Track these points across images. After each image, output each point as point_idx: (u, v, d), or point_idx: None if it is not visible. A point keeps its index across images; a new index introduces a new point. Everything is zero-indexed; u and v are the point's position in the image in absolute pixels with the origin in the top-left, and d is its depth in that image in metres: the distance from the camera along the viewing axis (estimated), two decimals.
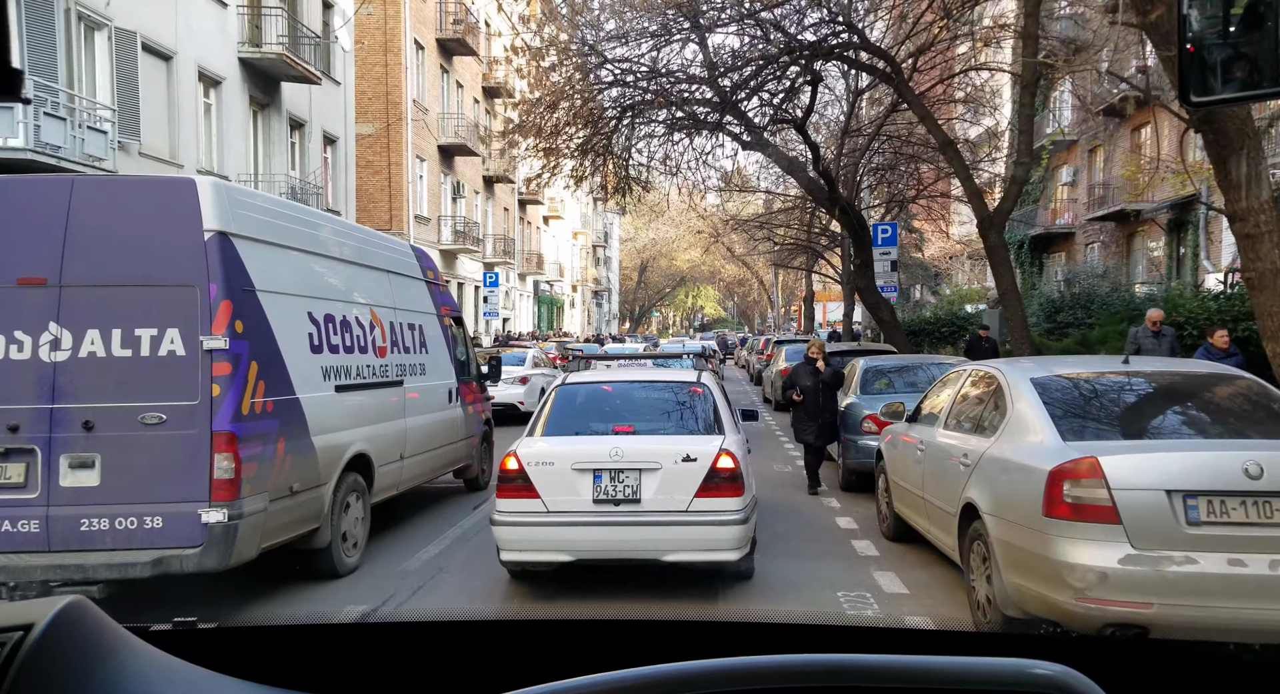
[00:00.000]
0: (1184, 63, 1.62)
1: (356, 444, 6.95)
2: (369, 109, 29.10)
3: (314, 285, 6.73)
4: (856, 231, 17.39)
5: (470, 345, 10.70)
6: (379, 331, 7.65)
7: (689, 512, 5.72)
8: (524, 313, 48.32)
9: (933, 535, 6.26)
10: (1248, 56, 1.57)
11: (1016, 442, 4.95)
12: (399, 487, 8.06)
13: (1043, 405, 4.90)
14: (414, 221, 30.26)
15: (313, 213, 7.69)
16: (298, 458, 6.10)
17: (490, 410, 11.16)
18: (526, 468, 5.86)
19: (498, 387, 16.90)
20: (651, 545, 5.77)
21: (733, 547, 5.76)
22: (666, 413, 6.70)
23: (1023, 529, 4.55)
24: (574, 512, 5.80)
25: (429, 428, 8.66)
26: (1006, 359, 7.48)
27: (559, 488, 5.82)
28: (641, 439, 6.17)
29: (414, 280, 8.98)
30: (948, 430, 6.09)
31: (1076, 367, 5.99)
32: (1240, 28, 1.60)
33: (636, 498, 5.75)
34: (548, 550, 5.89)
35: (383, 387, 7.66)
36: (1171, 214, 25.68)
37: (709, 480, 5.73)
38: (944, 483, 5.82)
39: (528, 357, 19.00)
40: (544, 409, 6.60)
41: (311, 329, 6.50)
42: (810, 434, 9.93)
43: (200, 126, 18.11)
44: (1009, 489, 4.83)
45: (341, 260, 7.28)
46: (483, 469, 10.51)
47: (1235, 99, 1.79)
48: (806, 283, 40.92)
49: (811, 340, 10.90)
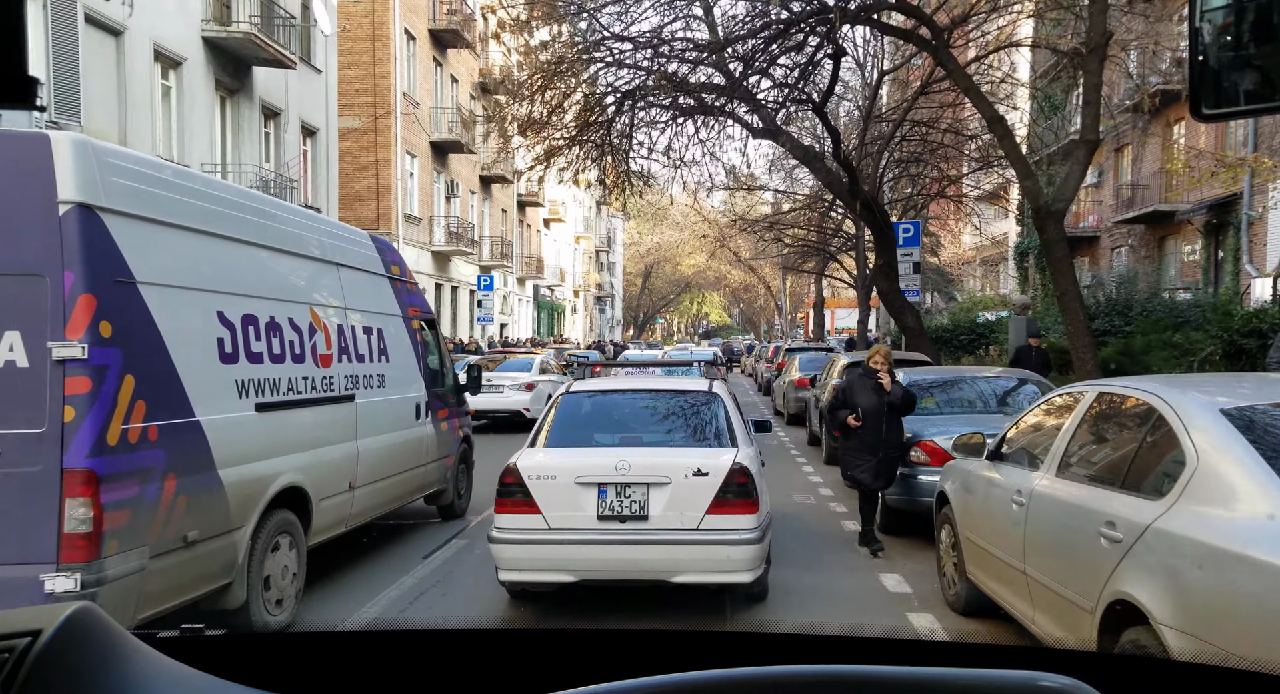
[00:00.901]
0: (1194, 75, 1.58)
1: (287, 475, 5.78)
2: (355, 101, 27.52)
3: (229, 278, 5.49)
4: (880, 229, 15.72)
5: (445, 352, 9.56)
6: (322, 336, 6.48)
7: (700, 530, 5.40)
8: (523, 318, 46.65)
9: (1038, 627, 4.41)
10: (1260, 68, 1.53)
11: (1214, 509, 3.17)
12: (349, 522, 6.91)
13: (1254, 453, 3.14)
14: (403, 221, 28.64)
15: (230, 188, 6.24)
16: (196, 498, 4.92)
17: (470, 427, 9.96)
18: (527, 481, 5.52)
19: (502, 393, 16.81)
20: (660, 566, 5.47)
21: (747, 567, 5.43)
22: (676, 423, 6.33)
23: None
24: (577, 529, 5.48)
25: (390, 450, 7.51)
26: (1151, 377, 5.53)
27: (561, 503, 5.50)
28: (650, 452, 5.80)
29: (372, 276, 7.74)
30: (1067, 480, 4.31)
31: (1263, 389, 4.25)
32: (1253, 40, 1.54)
33: (644, 514, 5.44)
34: (549, 570, 5.56)
35: (326, 403, 6.49)
36: (1210, 215, 24.00)
37: (722, 496, 5.41)
38: (1069, 560, 4.07)
39: (534, 363, 18.37)
40: (547, 418, 6.25)
41: (223, 333, 5.31)
42: (866, 472, 7.46)
43: (158, 111, 16.52)
44: (1218, 590, 3.03)
45: (271, 248, 6.04)
46: (460, 494, 9.27)
47: (1247, 112, 1.65)
48: (816, 288, 39.22)
49: (875, 347, 8.45)
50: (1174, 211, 25.18)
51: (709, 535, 5.38)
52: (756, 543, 5.42)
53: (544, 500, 5.48)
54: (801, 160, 16.39)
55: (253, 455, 5.46)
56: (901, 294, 16.40)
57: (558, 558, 5.49)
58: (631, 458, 5.54)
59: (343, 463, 6.66)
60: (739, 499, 5.42)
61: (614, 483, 5.45)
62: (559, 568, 5.51)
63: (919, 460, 7.55)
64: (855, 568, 7.17)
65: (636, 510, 5.43)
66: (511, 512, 5.55)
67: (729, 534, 5.38)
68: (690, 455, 5.68)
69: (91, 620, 0.96)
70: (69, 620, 0.93)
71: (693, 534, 5.40)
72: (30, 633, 0.90)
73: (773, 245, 37.31)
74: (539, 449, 5.93)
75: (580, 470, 5.55)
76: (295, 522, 5.94)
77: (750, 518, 5.43)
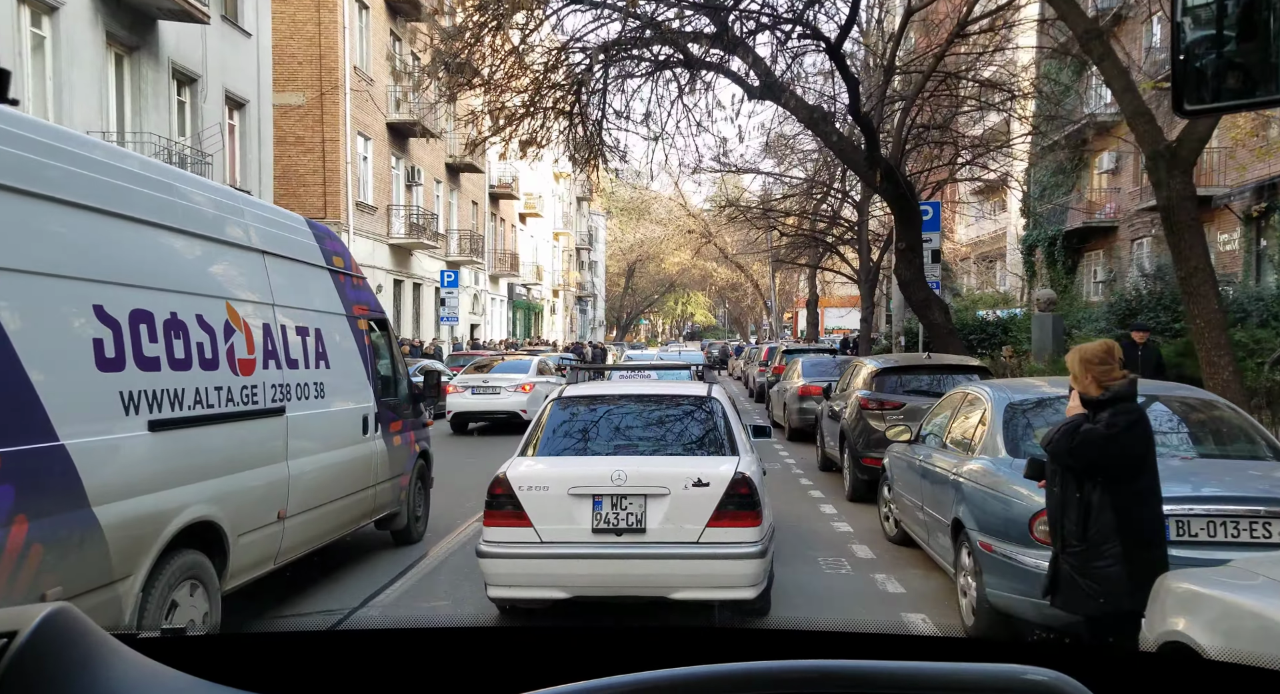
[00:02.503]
0: (1177, 71, 1.63)
1: (193, 508, 4.97)
2: (298, 75, 24.65)
3: (113, 264, 4.53)
4: (904, 203, 13.01)
5: (399, 356, 8.61)
6: (242, 337, 5.59)
7: (700, 543, 5.21)
8: (497, 318, 43.76)
9: None
10: (1241, 65, 1.58)
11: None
12: (278, 558, 6.03)
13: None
14: (355, 210, 25.76)
15: (119, 154, 5.06)
16: (60, 543, 4.04)
17: (428, 440, 8.96)
18: (517, 492, 5.31)
19: (500, 395, 16.92)
20: (658, 581, 5.24)
21: (749, 583, 5.21)
22: (674, 430, 6.08)
23: None
24: (570, 543, 5.26)
25: (330, 470, 6.66)
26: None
27: (554, 515, 5.29)
28: (647, 460, 5.65)
29: (308, 267, 6.82)
30: None
31: None
32: (1234, 36, 1.59)
33: (641, 527, 5.23)
34: (540, 587, 5.33)
35: (247, 417, 5.62)
36: (1252, 200, 21.51)
37: (723, 508, 5.20)
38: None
39: (531, 364, 18.26)
40: (538, 425, 6.06)
41: (102, 333, 4.37)
42: (1122, 592, 3.85)
43: (27, 65, 13.65)
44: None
45: (175, 230, 5.10)
46: (416, 516, 8.31)
47: (1229, 107, 1.71)
48: (809, 285, 36.51)
49: (1103, 346, 4.16)
50: (1209, 197, 22.67)
51: (710, 549, 5.20)
52: (760, 557, 5.22)
53: (535, 512, 5.29)
54: (807, 124, 13.68)
55: (145, 486, 4.62)
56: (927, 285, 13.77)
57: (550, 573, 5.29)
58: (628, 467, 5.34)
59: (269, 489, 5.82)
60: (741, 511, 5.23)
61: (609, 494, 5.28)
62: (551, 584, 5.30)
63: (1046, 539, 4.59)
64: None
65: (633, 523, 5.26)
66: (501, 524, 5.34)
67: (731, 548, 5.19)
68: (690, 464, 5.51)
69: (69, 621, 0.95)
70: (45, 621, 0.92)
71: (693, 548, 5.21)
72: (5, 635, 0.89)
73: (763, 237, 34.70)
74: (530, 457, 5.74)
75: (574, 480, 5.36)
76: (205, 564, 5.10)
77: (753, 530, 5.24)
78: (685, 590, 5.17)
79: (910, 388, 10.03)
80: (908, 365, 10.61)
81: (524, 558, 5.24)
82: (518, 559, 5.25)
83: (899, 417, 9.03)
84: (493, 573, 5.33)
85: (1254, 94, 1.55)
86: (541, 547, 5.21)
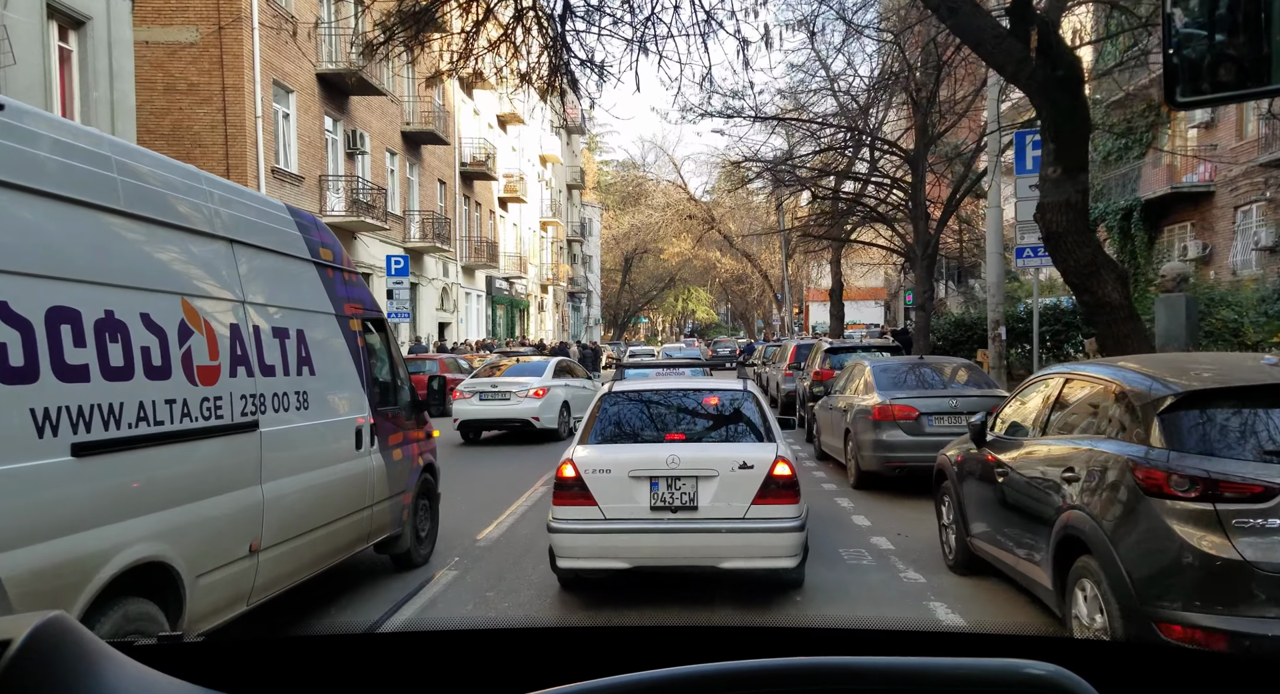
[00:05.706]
0: (1168, 63, 1.64)
1: (136, 547, 4.12)
2: (189, 5, 19.28)
3: (20, 251, 3.64)
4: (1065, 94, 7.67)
5: (399, 359, 7.77)
6: (203, 340, 4.70)
7: (746, 519, 5.83)
8: (473, 316, 38.40)
9: None
10: (1233, 57, 1.58)
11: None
12: (251, 598, 5.14)
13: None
14: (270, 177, 20.45)
15: (33, 115, 3.85)
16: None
17: (434, 453, 8.04)
18: (584, 475, 5.94)
19: (509, 400, 16.05)
20: (709, 552, 5.89)
21: (789, 553, 5.88)
22: (715, 420, 6.71)
23: None
24: (631, 519, 5.90)
25: (316, 493, 5.82)
26: None
27: (616, 495, 5.93)
28: (697, 447, 6.25)
29: (290, 260, 5.93)
30: None
31: None
32: (1225, 28, 1.60)
33: (694, 505, 5.86)
34: (605, 558, 5.99)
35: (208, 435, 4.70)
36: None
37: (766, 488, 5.83)
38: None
39: (547, 367, 17.16)
40: (591, 416, 6.60)
41: (7, 336, 3.49)
42: None
43: None
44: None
45: (113, 211, 4.19)
46: (420, 538, 7.52)
47: (1221, 99, 1.69)
48: (833, 271, 31.09)
49: None
50: None
51: (755, 524, 5.80)
52: (798, 530, 5.85)
53: (600, 493, 5.89)
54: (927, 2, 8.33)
55: (66, 524, 3.83)
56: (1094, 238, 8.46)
57: (613, 546, 5.90)
58: (681, 453, 5.93)
59: (237, 518, 5.04)
60: (782, 490, 5.82)
61: (665, 476, 5.87)
62: (614, 555, 5.92)
63: None
64: None
65: (686, 501, 5.85)
66: (569, 503, 5.92)
67: (773, 523, 5.80)
68: (734, 450, 6.09)
69: (64, 630, 0.95)
70: (39, 630, 0.91)
71: (739, 523, 5.80)
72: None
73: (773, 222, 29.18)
74: (589, 446, 6.25)
75: (633, 465, 5.94)
76: (153, 614, 4.32)
77: (793, 507, 5.84)
78: (733, 560, 5.85)
79: None
80: None
81: (590, 533, 5.90)
82: (585, 534, 5.91)
83: None
84: (563, 546, 5.99)
85: (1245, 86, 1.57)
86: (606, 523, 5.89)
